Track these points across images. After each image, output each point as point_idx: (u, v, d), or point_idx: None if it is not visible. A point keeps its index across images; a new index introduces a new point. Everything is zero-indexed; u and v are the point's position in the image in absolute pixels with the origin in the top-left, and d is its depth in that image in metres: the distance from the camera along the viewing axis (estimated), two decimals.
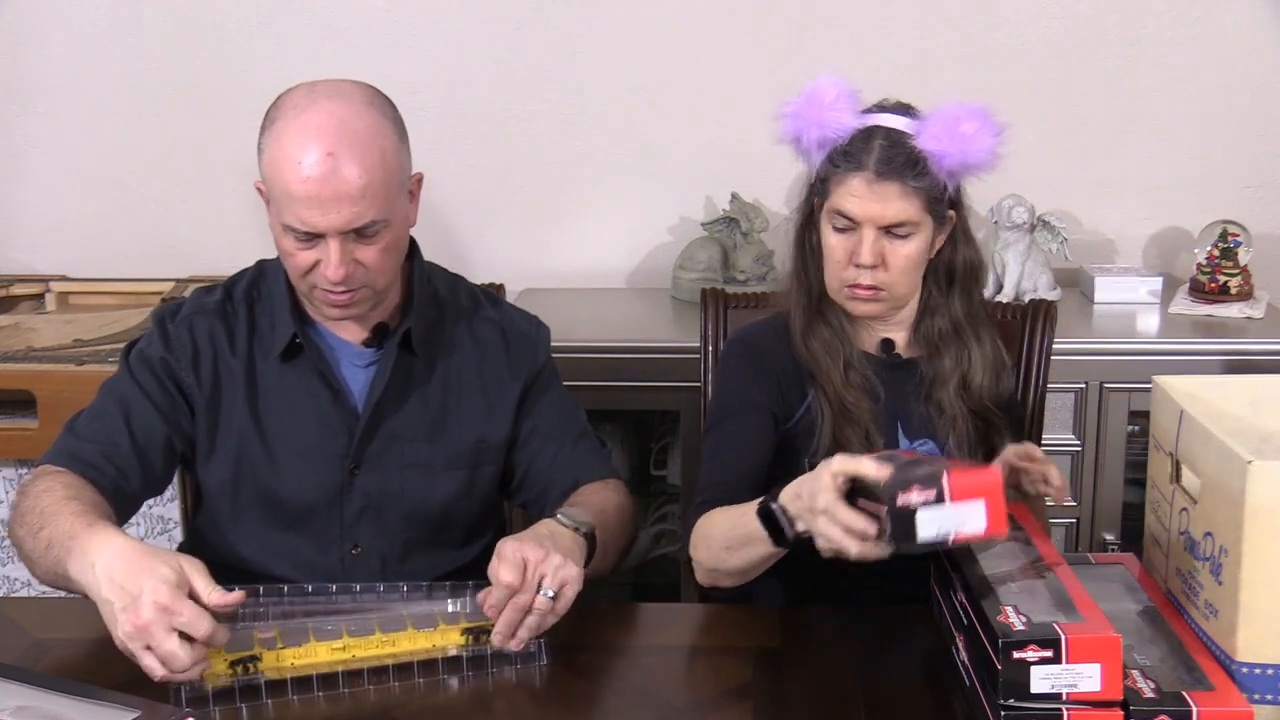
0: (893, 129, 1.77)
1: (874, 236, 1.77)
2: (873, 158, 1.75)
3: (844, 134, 1.78)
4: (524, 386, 1.87)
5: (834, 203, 1.79)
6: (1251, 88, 2.92)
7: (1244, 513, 1.34)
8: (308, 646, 1.50)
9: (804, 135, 1.80)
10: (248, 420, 1.78)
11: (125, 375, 1.79)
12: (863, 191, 1.75)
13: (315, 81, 1.70)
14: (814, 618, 1.67)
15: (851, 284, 1.80)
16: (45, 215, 3.07)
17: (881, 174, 1.75)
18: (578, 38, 2.95)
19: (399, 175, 1.71)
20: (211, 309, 1.81)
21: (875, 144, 1.76)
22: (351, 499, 1.79)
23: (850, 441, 1.79)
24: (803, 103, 1.80)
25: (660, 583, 3.00)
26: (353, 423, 1.78)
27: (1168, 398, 1.56)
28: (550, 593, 1.53)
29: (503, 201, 3.02)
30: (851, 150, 1.77)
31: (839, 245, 1.80)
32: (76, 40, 2.99)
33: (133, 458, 1.73)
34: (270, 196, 1.70)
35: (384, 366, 1.79)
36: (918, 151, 1.75)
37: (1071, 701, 1.31)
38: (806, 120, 1.80)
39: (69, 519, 1.56)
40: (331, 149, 1.63)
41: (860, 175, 1.76)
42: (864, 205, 1.76)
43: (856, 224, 1.77)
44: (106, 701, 1.37)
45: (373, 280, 1.72)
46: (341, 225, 1.65)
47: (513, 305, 1.96)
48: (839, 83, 1.80)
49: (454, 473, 1.83)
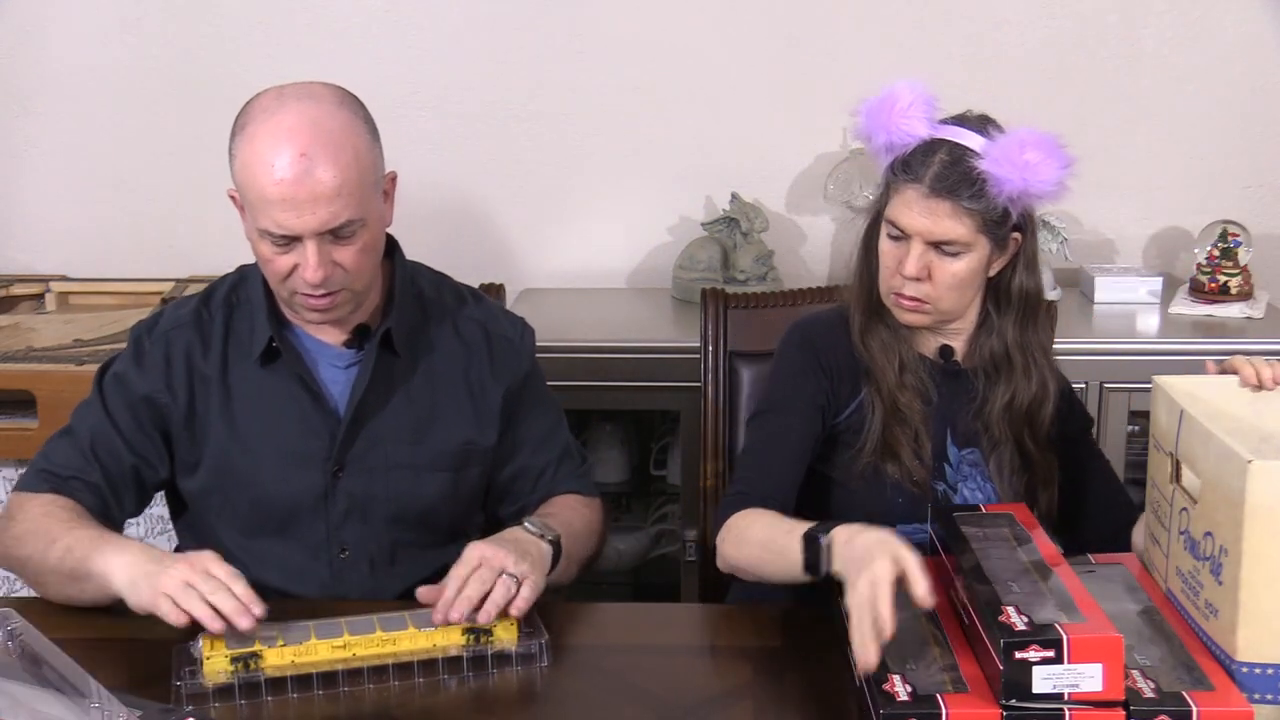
0: (959, 144, 1.74)
1: (921, 250, 1.75)
2: (930, 172, 1.73)
3: (911, 143, 1.76)
4: (507, 391, 1.86)
5: (890, 210, 1.78)
6: (1251, 88, 2.92)
7: (1244, 512, 1.34)
8: (308, 644, 1.51)
9: (874, 138, 1.78)
10: (228, 427, 1.77)
11: (97, 402, 1.78)
12: (916, 204, 1.74)
13: (284, 84, 1.70)
14: (814, 618, 1.67)
15: (897, 292, 1.79)
16: (45, 215, 3.07)
17: (935, 190, 1.72)
18: (578, 38, 2.95)
19: (373, 174, 1.70)
20: (187, 321, 1.80)
21: (936, 159, 1.73)
22: (336, 501, 1.78)
23: (899, 441, 1.79)
24: (877, 105, 1.78)
25: (660, 583, 3.01)
26: (334, 425, 1.77)
27: (1168, 397, 1.56)
28: (514, 575, 1.57)
29: (502, 201, 3.02)
30: (912, 162, 1.75)
31: (890, 252, 1.79)
32: (76, 40, 2.99)
33: (106, 489, 1.75)
34: (244, 202, 1.69)
35: (365, 368, 1.78)
36: (978, 171, 1.71)
37: (1073, 701, 1.31)
38: (877, 123, 1.77)
39: (92, 530, 1.65)
40: (304, 149, 1.62)
41: (915, 188, 1.74)
42: (914, 218, 1.74)
43: (907, 235, 1.76)
44: (107, 701, 1.37)
45: (351, 282, 1.71)
46: (317, 226, 1.64)
47: (499, 305, 1.95)
48: (918, 88, 1.77)
49: (439, 474, 1.82)
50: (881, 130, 1.77)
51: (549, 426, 1.91)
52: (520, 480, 1.89)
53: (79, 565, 1.61)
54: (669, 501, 3.01)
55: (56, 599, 1.66)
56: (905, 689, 1.34)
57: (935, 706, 1.32)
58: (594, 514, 1.90)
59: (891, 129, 1.76)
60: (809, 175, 2.97)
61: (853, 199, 2.85)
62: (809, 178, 2.97)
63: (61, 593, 1.65)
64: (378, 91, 1.77)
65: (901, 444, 1.78)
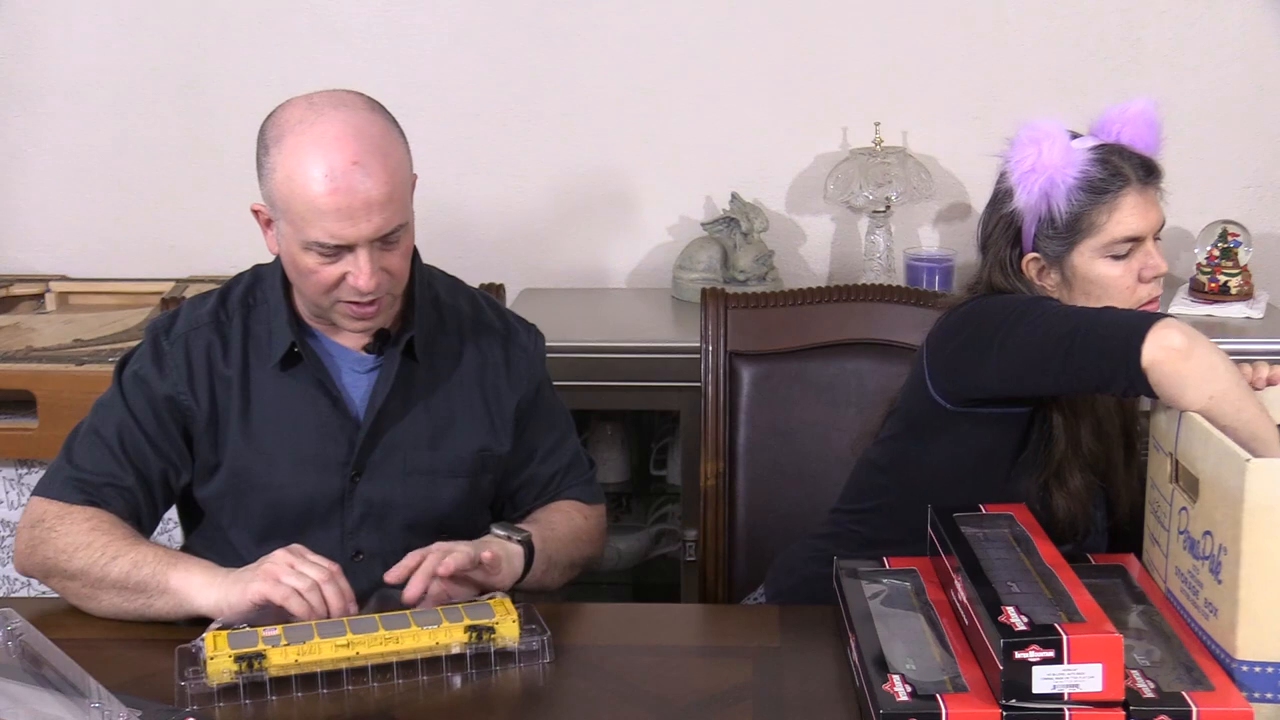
0: (1108, 143, 1.75)
1: (1154, 245, 1.75)
2: (1130, 168, 1.72)
3: (1075, 169, 1.72)
4: (521, 400, 1.86)
5: (1111, 232, 1.72)
6: (1251, 88, 2.92)
7: (1243, 511, 1.34)
8: (312, 644, 1.51)
9: (1055, 187, 1.72)
10: (245, 430, 1.76)
11: (118, 399, 1.76)
12: (1138, 205, 1.72)
13: (311, 94, 1.68)
14: (814, 618, 1.67)
15: (1148, 301, 1.75)
16: (45, 215, 3.07)
17: (1146, 181, 1.73)
18: (578, 38, 2.95)
19: (409, 177, 1.70)
20: (206, 321, 1.78)
21: (1120, 157, 1.73)
22: (353, 506, 1.78)
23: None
24: (1033, 153, 1.72)
25: (660, 583, 3.01)
26: (353, 430, 1.77)
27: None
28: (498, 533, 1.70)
29: (502, 201, 3.02)
30: (1104, 173, 1.72)
31: (1125, 274, 1.74)
32: (76, 40, 2.99)
33: (140, 491, 1.74)
34: (286, 215, 1.65)
35: (387, 373, 1.77)
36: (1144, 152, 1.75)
37: (1073, 701, 1.31)
38: (1044, 170, 1.71)
39: (155, 546, 1.66)
40: (355, 157, 1.61)
41: (1129, 191, 1.72)
42: (1145, 216, 1.73)
43: (1139, 239, 1.73)
44: (107, 701, 1.37)
45: (394, 287, 1.71)
46: (371, 234, 1.63)
47: (512, 311, 1.94)
48: (1040, 129, 1.73)
49: (456, 480, 1.81)
50: (1043, 174, 1.71)
51: (560, 435, 1.91)
52: (528, 488, 1.89)
53: (150, 580, 1.61)
54: (669, 501, 3.01)
55: (107, 613, 1.64)
56: (905, 689, 1.35)
57: (935, 706, 1.32)
58: (591, 520, 1.90)
59: (1057, 168, 1.71)
60: (809, 175, 2.97)
61: (853, 199, 2.86)
62: (809, 178, 2.97)
63: (120, 607, 1.63)
64: (377, 91, 1.76)
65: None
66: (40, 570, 1.69)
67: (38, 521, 1.70)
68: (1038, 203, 1.72)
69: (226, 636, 1.50)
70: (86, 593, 1.65)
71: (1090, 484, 1.75)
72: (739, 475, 2.17)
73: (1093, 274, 1.74)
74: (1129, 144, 1.75)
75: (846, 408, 2.14)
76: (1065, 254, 1.75)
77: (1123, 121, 1.76)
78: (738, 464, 2.17)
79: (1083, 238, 1.73)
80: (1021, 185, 1.72)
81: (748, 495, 2.17)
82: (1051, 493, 1.73)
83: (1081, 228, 1.73)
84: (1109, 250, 1.73)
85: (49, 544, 1.67)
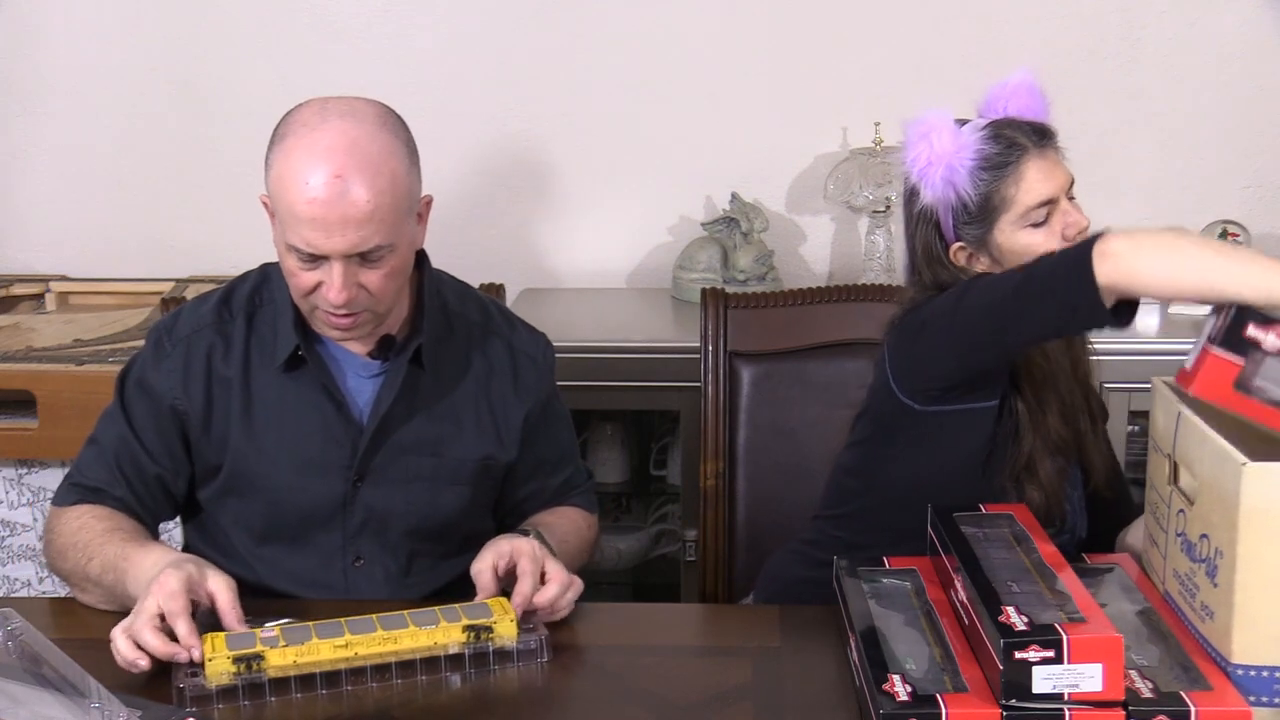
0: (1000, 119, 1.77)
1: (1069, 203, 1.77)
2: (1024, 135, 1.74)
3: (971, 149, 1.74)
4: (529, 412, 1.85)
5: (1022, 198, 1.74)
6: (1251, 88, 2.92)
7: (1239, 514, 1.34)
8: (310, 645, 1.51)
9: (954, 174, 1.74)
10: (247, 432, 1.76)
11: (119, 412, 1.78)
12: (1043, 168, 1.74)
13: (328, 98, 1.67)
14: (814, 618, 1.68)
15: None
16: (45, 215, 3.07)
17: (1043, 144, 1.75)
18: (578, 37, 2.95)
19: (408, 199, 1.68)
20: (208, 322, 1.78)
21: (1012, 126, 1.75)
22: (354, 511, 1.77)
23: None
24: (922, 151, 1.75)
25: (660, 583, 3.01)
26: (356, 435, 1.76)
27: (1166, 398, 1.56)
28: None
29: (503, 201, 3.02)
30: (998, 148, 1.74)
31: (1049, 238, 1.75)
32: (76, 40, 2.99)
33: (133, 500, 1.75)
34: (275, 213, 1.67)
35: (392, 380, 1.76)
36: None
37: (1073, 701, 1.31)
38: (939, 160, 1.74)
39: (117, 544, 1.65)
40: (340, 171, 1.60)
41: (1031, 156, 1.74)
42: (1055, 178, 1.74)
43: (1054, 201, 1.75)
44: (107, 701, 1.37)
45: (374, 305, 1.69)
46: (345, 249, 1.62)
47: (522, 320, 1.93)
48: (928, 122, 1.76)
49: (458, 488, 1.81)
50: (940, 164, 1.74)
51: (565, 447, 1.92)
52: (534, 499, 1.89)
53: (115, 586, 1.64)
54: (669, 501, 3.01)
55: (107, 609, 1.67)
56: (905, 689, 1.35)
57: (935, 706, 1.32)
58: (590, 530, 1.92)
59: (955, 149, 1.73)
60: (809, 175, 2.97)
61: (853, 199, 2.86)
62: (809, 178, 2.97)
63: (111, 603, 1.66)
64: (377, 92, 1.76)
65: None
66: (56, 574, 1.76)
67: (46, 528, 1.77)
68: (944, 192, 1.75)
69: (224, 638, 1.51)
70: (80, 592, 1.71)
71: (1061, 468, 1.77)
72: (739, 475, 2.17)
73: (1018, 246, 1.76)
74: (1017, 115, 1.78)
75: (846, 408, 2.12)
76: (987, 235, 1.77)
77: (1006, 96, 1.79)
78: (738, 464, 2.17)
79: (998, 215, 1.75)
80: (924, 180, 1.75)
81: (748, 495, 2.18)
82: (1024, 485, 1.75)
83: (994, 205, 1.75)
84: (1027, 219, 1.75)
85: (51, 547, 1.74)
